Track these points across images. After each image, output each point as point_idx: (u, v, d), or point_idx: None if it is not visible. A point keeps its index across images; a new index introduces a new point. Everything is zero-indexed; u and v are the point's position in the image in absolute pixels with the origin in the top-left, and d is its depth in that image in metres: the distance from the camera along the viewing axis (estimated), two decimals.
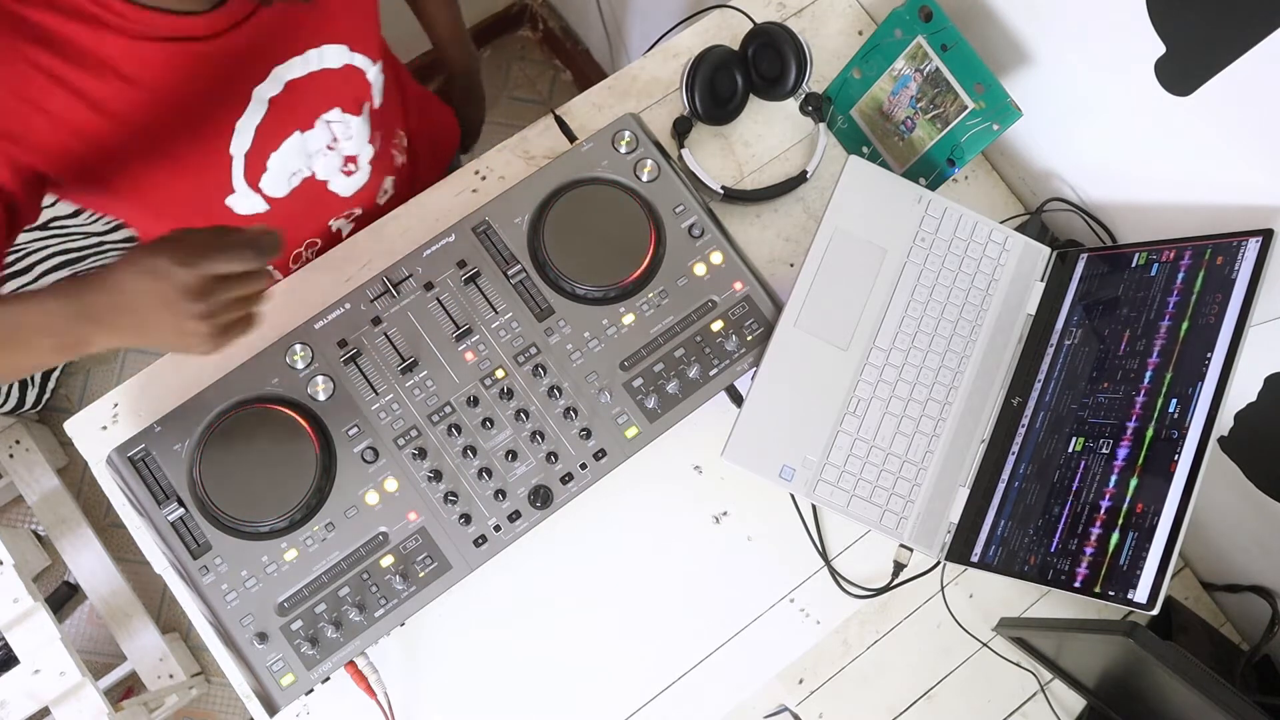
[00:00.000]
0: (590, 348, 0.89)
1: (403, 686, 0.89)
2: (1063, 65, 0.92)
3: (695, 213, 0.92)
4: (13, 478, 1.77)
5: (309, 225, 0.98)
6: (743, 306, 0.91)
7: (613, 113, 1.01)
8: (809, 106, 1.01)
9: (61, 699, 1.34)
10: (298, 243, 0.99)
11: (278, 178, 0.87)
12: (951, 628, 1.00)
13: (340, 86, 0.86)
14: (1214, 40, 0.75)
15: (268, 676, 0.81)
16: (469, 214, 0.91)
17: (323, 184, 0.93)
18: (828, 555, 0.95)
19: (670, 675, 0.92)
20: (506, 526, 0.86)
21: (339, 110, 0.88)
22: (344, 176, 0.94)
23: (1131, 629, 0.76)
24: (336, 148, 0.91)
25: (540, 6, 2.06)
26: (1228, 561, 1.05)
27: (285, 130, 0.85)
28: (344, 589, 0.83)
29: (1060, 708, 1.03)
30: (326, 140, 0.89)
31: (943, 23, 0.92)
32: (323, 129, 0.88)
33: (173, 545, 0.82)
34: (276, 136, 0.84)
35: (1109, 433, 0.84)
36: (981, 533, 0.90)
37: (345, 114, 0.88)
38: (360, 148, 0.93)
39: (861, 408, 0.91)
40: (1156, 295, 0.87)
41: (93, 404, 0.92)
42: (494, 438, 0.87)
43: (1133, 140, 0.90)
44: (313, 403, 0.85)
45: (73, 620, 1.86)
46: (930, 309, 0.94)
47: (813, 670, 1.02)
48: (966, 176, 1.07)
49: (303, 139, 0.87)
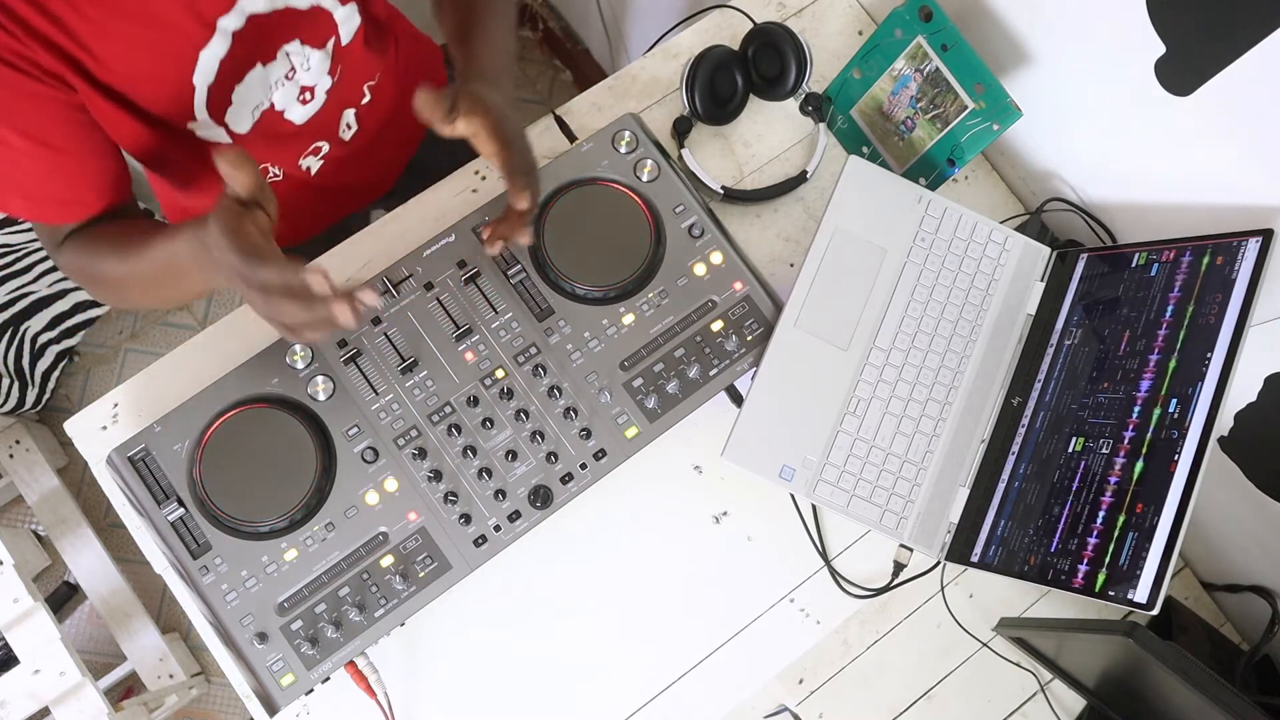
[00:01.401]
0: (590, 348, 0.89)
1: (403, 686, 0.89)
2: (1063, 65, 0.92)
3: (695, 213, 0.92)
4: (13, 478, 1.77)
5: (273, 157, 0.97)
6: (743, 306, 0.91)
7: (613, 113, 1.01)
8: (809, 106, 1.01)
9: (61, 699, 1.35)
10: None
11: (241, 111, 0.87)
12: (951, 628, 1.00)
13: (303, 23, 0.85)
14: (1214, 40, 0.75)
15: (268, 676, 0.81)
16: (469, 214, 0.91)
17: (279, 114, 0.91)
18: (828, 555, 0.95)
19: (670, 675, 0.92)
20: (506, 526, 0.86)
21: (298, 42, 0.86)
22: (299, 105, 0.92)
23: (1131, 629, 0.77)
24: (294, 78, 0.89)
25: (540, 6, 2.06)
26: (1228, 561, 1.05)
27: (248, 63, 0.84)
28: (344, 589, 0.83)
29: (1060, 708, 1.03)
30: (285, 70, 0.88)
31: (943, 23, 0.92)
32: (282, 60, 0.87)
33: (173, 545, 0.82)
34: (239, 69, 0.84)
35: (1109, 433, 0.84)
36: (981, 533, 0.90)
37: (305, 45, 0.87)
38: (318, 79, 0.91)
39: (861, 408, 0.91)
40: (1156, 295, 0.87)
41: (93, 404, 0.92)
42: (494, 438, 0.87)
43: (1133, 140, 0.90)
44: (313, 403, 0.85)
45: (73, 620, 1.86)
46: (930, 309, 0.94)
47: (813, 670, 1.02)
48: (966, 176, 1.07)
49: (264, 71, 0.86)
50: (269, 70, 0.86)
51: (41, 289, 1.69)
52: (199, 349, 0.93)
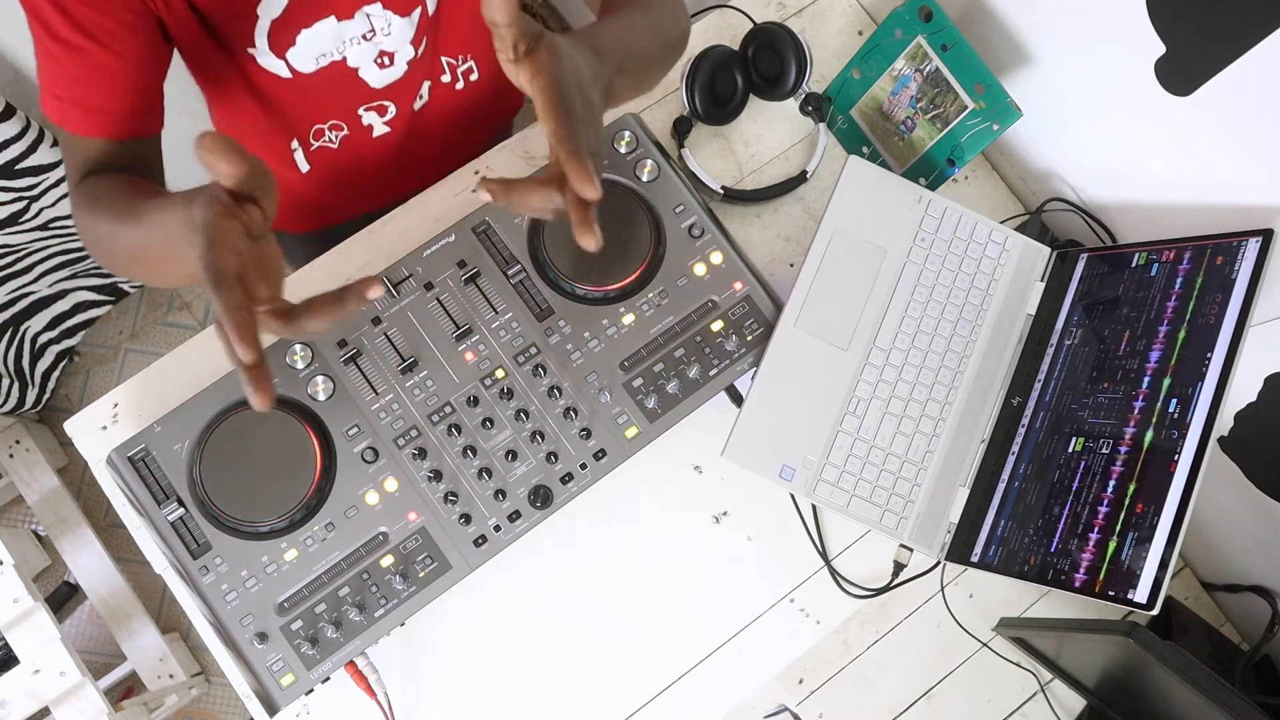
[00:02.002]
0: (590, 348, 0.89)
1: (403, 686, 0.89)
2: (1063, 65, 0.93)
3: (695, 213, 0.92)
4: (13, 478, 1.77)
5: (334, 107, 0.96)
6: (743, 306, 0.91)
7: (612, 113, 1.01)
8: (809, 106, 1.01)
9: (61, 699, 1.34)
10: (321, 119, 0.97)
11: (304, 54, 0.86)
12: (951, 628, 1.00)
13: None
14: (1214, 40, 0.75)
15: (268, 676, 0.81)
16: (469, 214, 0.91)
17: (353, 70, 0.90)
18: (828, 555, 0.95)
19: (671, 675, 0.92)
20: (506, 526, 0.86)
21: (380, 5, 0.85)
22: (377, 68, 0.91)
23: (1131, 629, 0.77)
24: (373, 40, 0.88)
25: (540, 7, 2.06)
26: (1228, 561, 1.05)
27: (320, 12, 0.83)
28: (344, 589, 0.83)
29: (1060, 708, 1.03)
30: (363, 30, 0.86)
31: (943, 23, 0.92)
32: (361, 20, 0.85)
33: (173, 545, 0.82)
34: (310, 14, 0.82)
35: (1109, 433, 0.84)
36: (981, 533, 0.90)
37: (388, 10, 0.86)
38: (400, 46, 0.90)
39: (861, 408, 0.91)
40: (1156, 295, 0.87)
41: (93, 404, 0.92)
42: (494, 438, 0.87)
43: (1133, 140, 0.90)
44: (313, 403, 0.85)
45: (73, 620, 1.86)
46: (930, 309, 0.94)
47: (813, 670, 1.02)
48: (966, 176, 1.07)
49: (339, 25, 0.84)
50: (344, 26, 0.85)
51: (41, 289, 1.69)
52: (199, 349, 0.93)
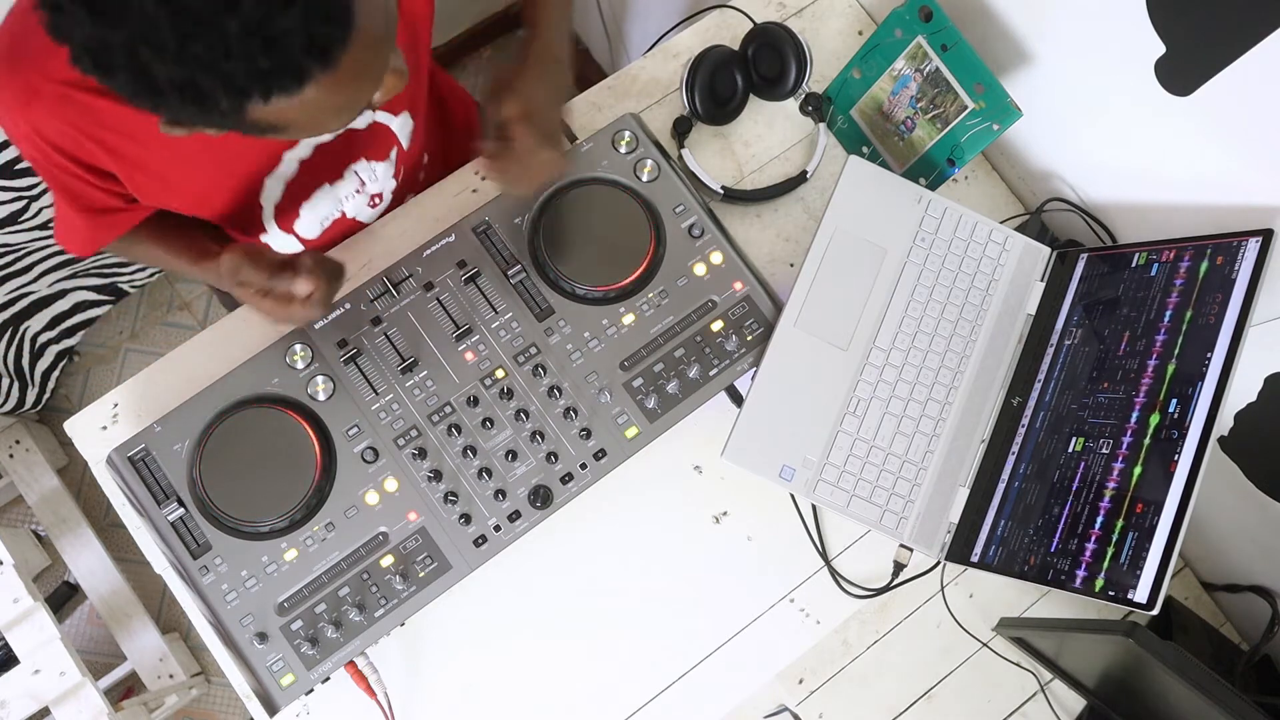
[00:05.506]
0: (590, 348, 0.89)
1: (403, 686, 0.89)
2: (1063, 65, 0.92)
3: (695, 213, 0.92)
4: (13, 478, 1.77)
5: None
6: (743, 306, 0.91)
7: (613, 113, 1.01)
8: (809, 106, 1.01)
9: (61, 699, 1.34)
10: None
11: (309, 223, 0.93)
12: (951, 628, 1.00)
13: (367, 141, 0.89)
14: (1214, 40, 0.75)
15: (268, 676, 0.81)
16: (469, 214, 0.91)
17: (352, 220, 0.97)
18: (828, 555, 0.95)
19: (671, 674, 0.92)
20: (506, 526, 0.86)
21: (364, 160, 0.91)
22: (370, 209, 0.98)
23: (1131, 629, 0.76)
24: (364, 190, 0.94)
25: None
26: (1228, 561, 1.05)
27: (315, 184, 0.89)
28: (344, 589, 0.83)
29: (1060, 708, 1.03)
30: (354, 186, 0.93)
31: (943, 23, 0.92)
32: (350, 177, 0.91)
33: (173, 545, 0.82)
34: (305, 189, 0.88)
35: (1109, 432, 0.84)
36: (981, 533, 0.90)
37: (370, 161, 0.91)
38: (385, 185, 0.96)
39: (861, 408, 0.91)
40: (1156, 295, 0.87)
41: (93, 404, 0.92)
42: (494, 438, 0.87)
43: (1132, 140, 0.90)
44: (313, 403, 0.85)
45: (73, 620, 1.86)
46: (930, 309, 0.94)
47: (813, 670, 1.02)
48: (966, 176, 1.06)
49: (332, 189, 0.91)
50: (337, 188, 0.91)
51: (41, 289, 1.69)
52: (199, 349, 0.93)
